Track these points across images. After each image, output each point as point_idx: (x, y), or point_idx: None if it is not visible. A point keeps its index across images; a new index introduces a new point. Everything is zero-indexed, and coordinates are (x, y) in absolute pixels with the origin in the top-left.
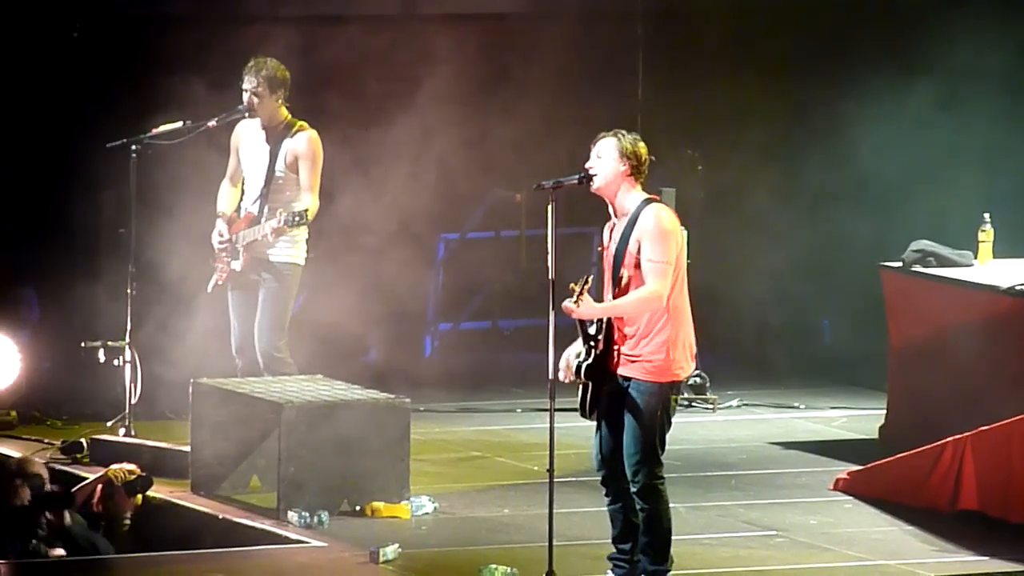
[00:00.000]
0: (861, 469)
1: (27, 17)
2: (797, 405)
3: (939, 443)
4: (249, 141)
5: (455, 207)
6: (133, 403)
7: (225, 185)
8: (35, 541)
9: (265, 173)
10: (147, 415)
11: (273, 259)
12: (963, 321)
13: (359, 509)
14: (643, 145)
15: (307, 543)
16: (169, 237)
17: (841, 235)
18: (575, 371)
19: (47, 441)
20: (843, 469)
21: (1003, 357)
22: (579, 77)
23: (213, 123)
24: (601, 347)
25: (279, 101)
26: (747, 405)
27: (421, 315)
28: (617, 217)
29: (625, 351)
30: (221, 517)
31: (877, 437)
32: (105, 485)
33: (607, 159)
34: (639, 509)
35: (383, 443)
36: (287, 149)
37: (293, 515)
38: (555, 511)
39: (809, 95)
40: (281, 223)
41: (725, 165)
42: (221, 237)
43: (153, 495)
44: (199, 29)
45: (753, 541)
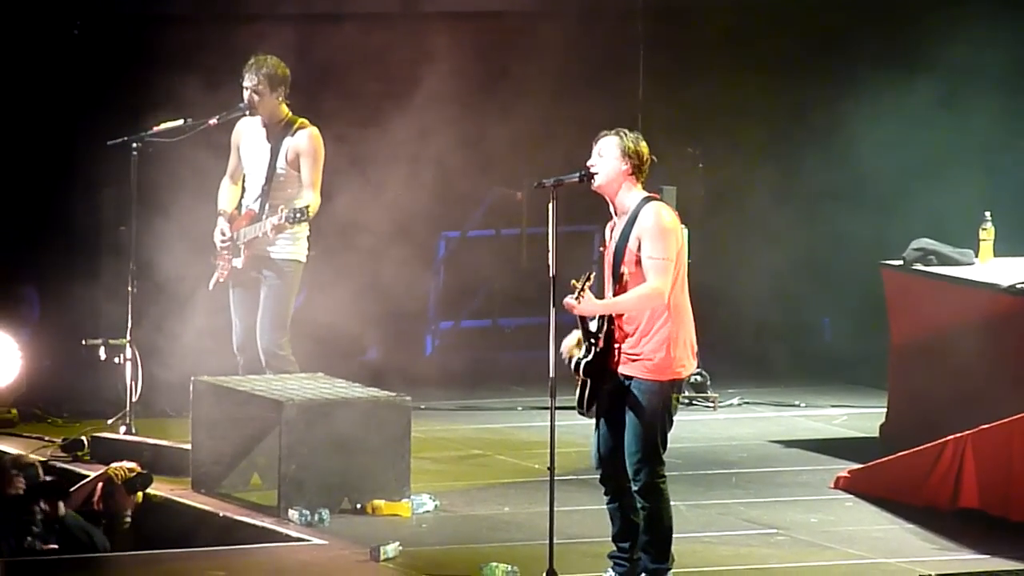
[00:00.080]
0: (862, 467)
1: (28, 16)
2: (798, 403)
3: (940, 441)
4: (250, 139)
5: (456, 205)
6: (134, 401)
7: (226, 183)
8: (30, 538)
9: (266, 170)
10: (148, 413)
11: (274, 256)
12: (964, 320)
13: (360, 507)
14: (645, 144)
15: (308, 541)
16: (170, 235)
17: (841, 233)
18: (574, 368)
19: (48, 439)
20: (844, 467)
21: (1004, 356)
22: (579, 75)
23: (214, 121)
24: (601, 345)
25: (279, 99)
26: (748, 403)
27: (422, 313)
28: (617, 216)
29: (626, 349)
30: (222, 515)
31: (878, 435)
32: (105, 483)
33: (608, 157)
34: (640, 508)
35: (384, 441)
36: (288, 146)
37: (294, 513)
38: (556, 509)
39: (809, 94)
40: (282, 220)
41: (725, 164)
42: (223, 235)
43: (154, 493)
44: (199, 28)
45: (754, 539)
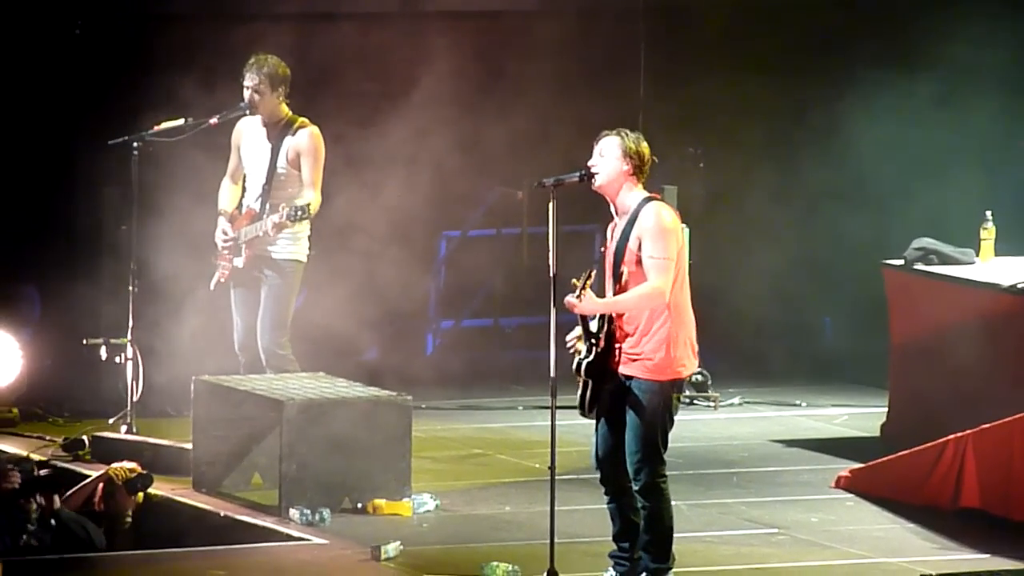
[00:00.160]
0: (862, 467)
1: (29, 15)
2: (798, 403)
3: (940, 441)
4: (250, 138)
5: (456, 205)
6: (134, 400)
7: (226, 183)
8: (25, 536)
9: (267, 170)
10: (148, 412)
11: (275, 256)
12: (965, 319)
13: (361, 506)
14: (646, 144)
15: (308, 540)
16: (171, 234)
17: (841, 233)
18: (576, 369)
19: (49, 438)
20: (844, 467)
21: (1004, 355)
22: (579, 75)
23: (215, 120)
24: (602, 345)
25: (280, 98)
26: (749, 403)
27: (423, 313)
28: (618, 216)
29: (626, 348)
30: (222, 514)
31: (878, 435)
32: (106, 484)
33: (609, 157)
34: (641, 507)
35: (385, 440)
36: (289, 146)
37: (295, 512)
38: (556, 509)
39: (809, 93)
40: (283, 218)
41: (725, 163)
42: (225, 235)
43: (155, 492)
44: (201, 27)
45: (755, 539)
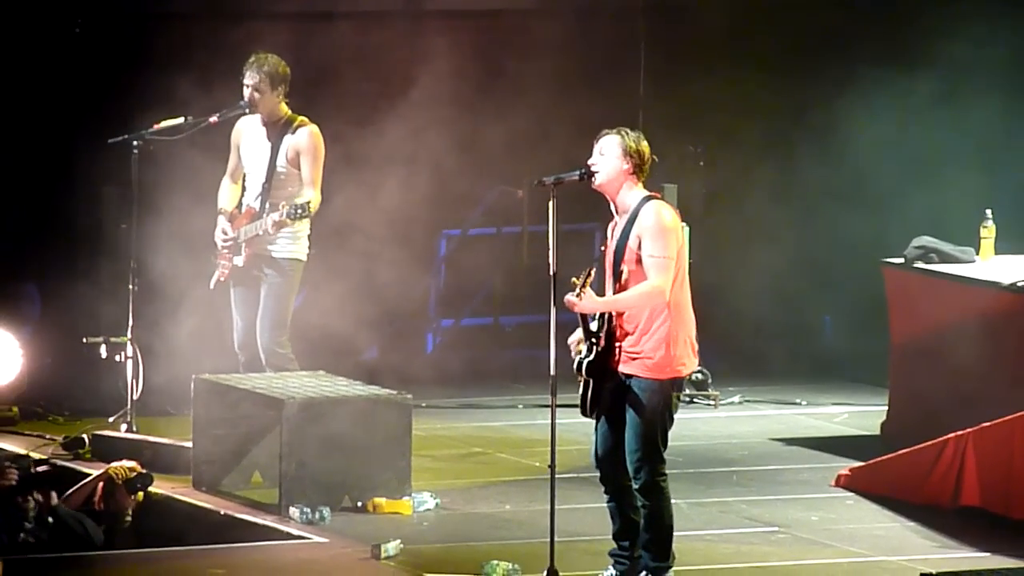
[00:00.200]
0: (863, 465)
1: (29, 13)
2: (798, 401)
3: (941, 439)
4: (250, 137)
5: (456, 204)
6: (135, 399)
7: (226, 182)
8: (23, 534)
9: (266, 169)
10: (149, 411)
11: (275, 255)
12: (965, 318)
13: (361, 505)
14: (646, 143)
15: (309, 539)
16: (171, 233)
17: (841, 231)
18: (576, 368)
19: (49, 437)
20: (845, 465)
21: (1004, 354)
22: (579, 73)
23: (215, 119)
24: (603, 344)
25: (280, 97)
26: (749, 401)
27: (423, 312)
28: (618, 214)
29: (626, 347)
30: (223, 513)
31: (879, 433)
32: (106, 483)
33: (610, 156)
34: (641, 506)
35: (385, 439)
36: (288, 144)
37: (295, 511)
38: (557, 507)
39: (809, 92)
40: (283, 216)
41: (725, 162)
42: (225, 235)
43: (155, 491)
44: (201, 26)
45: (755, 537)
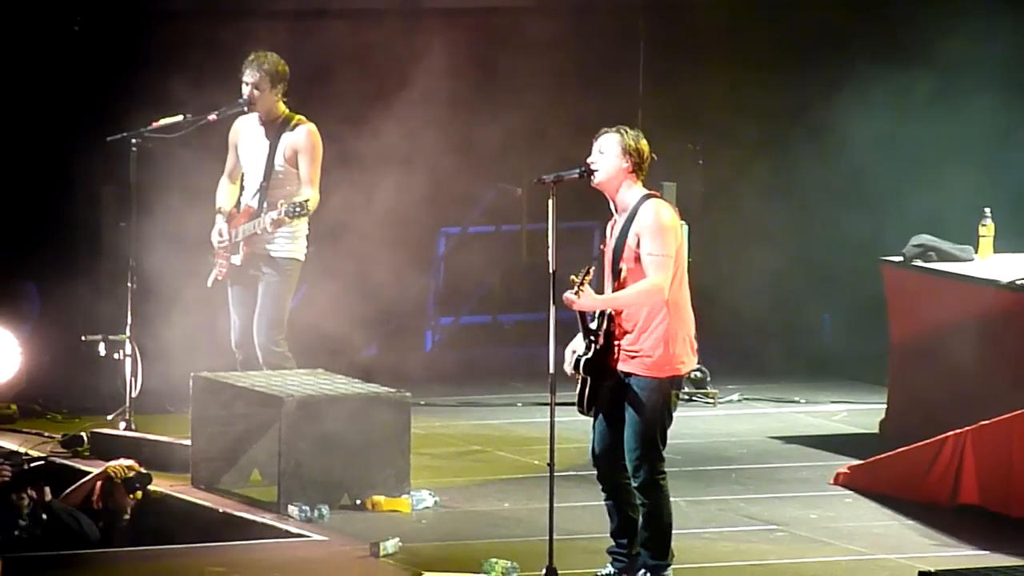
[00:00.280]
0: (861, 463)
1: (28, 11)
2: (797, 399)
3: (939, 437)
4: (248, 136)
5: (456, 202)
6: (133, 397)
7: (224, 182)
8: (16, 532)
9: (264, 168)
10: (147, 409)
11: (274, 254)
12: (964, 316)
13: (359, 503)
14: (645, 142)
15: (307, 537)
16: (170, 231)
17: (839, 229)
18: (574, 366)
19: (47, 434)
20: (843, 463)
21: (1003, 352)
22: (578, 72)
23: (213, 117)
24: (601, 342)
25: (278, 96)
26: (747, 399)
27: (422, 309)
28: (617, 213)
29: (625, 346)
30: (221, 511)
31: (877, 431)
32: (105, 482)
33: (609, 155)
34: (640, 504)
35: (383, 437)
36: (286, 143)
37: (293, 509)
38: (555, 505)
39: (806, 90)
40: (281, 214)
41: (724, 160)
42: (221, 237)
43: (153, 489)
44: (200, 24)
45: (754, 535)
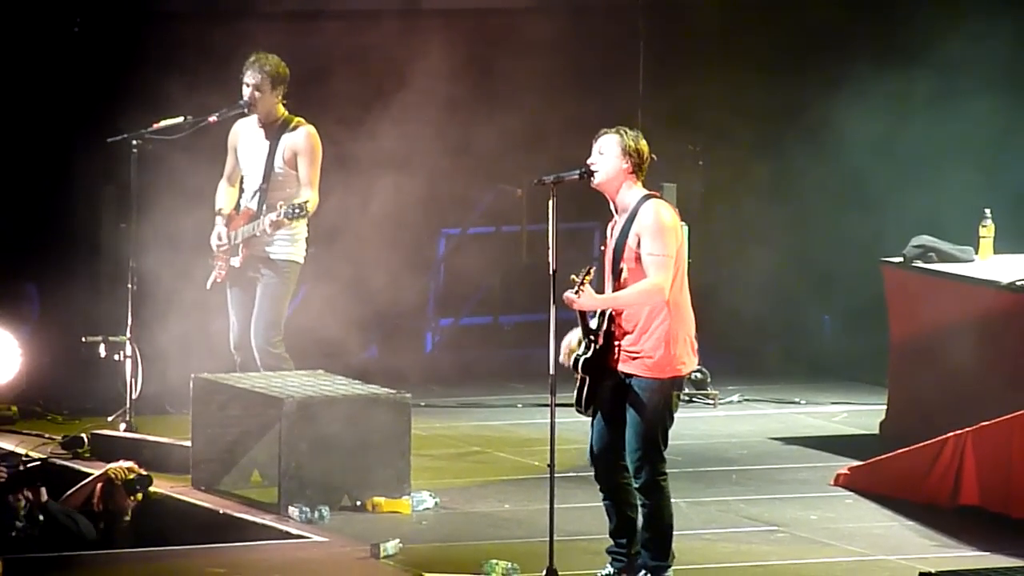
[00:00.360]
0: (862, 465)
1: (28, 12)
2: (798, 400)
3: (940, 439)
4: (247, 139)
5: (456, 202)
6: (134, 398)
7: (223, 185)
8: (14, 533)
9: (264, 170)
10: (148, 410)
11: (272, 256)
12: (964, 317)
13: (360, 504)
14: (644, 142)
15: (308, 538)
16: (170, 232)
17: (839, 230)
18: (573, 365)
19: (48, 436)
20: (844, 465)
21: (1003, 353)
22: (578, 72)
23: (214, 118)
24: (601, 342)
25: (279, 98)
26: (748, 400)
27: (422, 311)
28: (618, 213)
29: (626, 346)
30: (222, 512)
31: (878, 432)
32: (105, 484)
33: (609, 156)
34: (641, 505)
35: (384, 438)
36: (285, 145)
37: (294, 510)
38: (556, 506)
39: (806, 90)
40: (280, 216)
41: (724, 161)
42: (220, 240)
43: (154, 490)
44: (200, 25)
45: (754, 536)
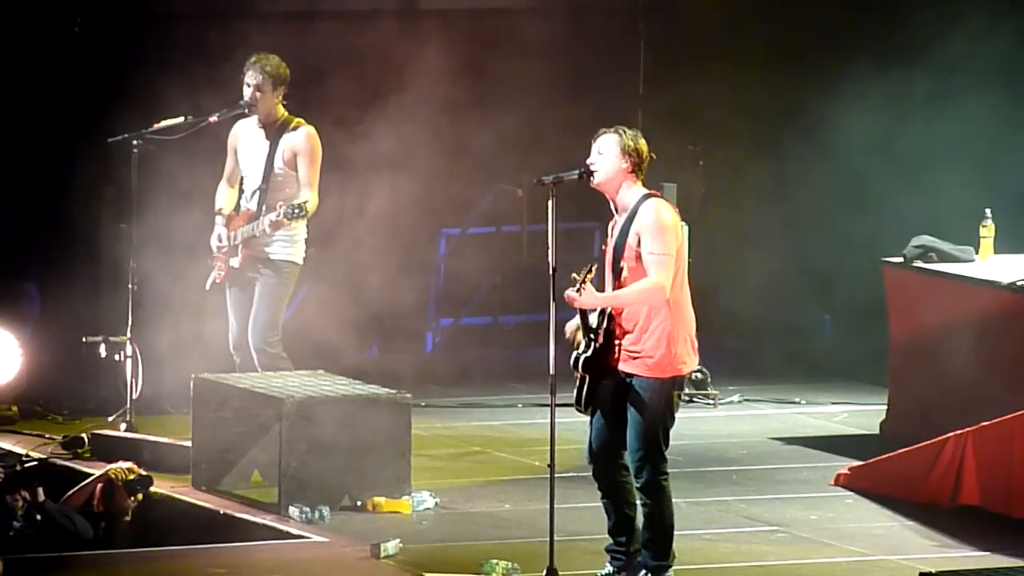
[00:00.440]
0: (862, 464)
1: (28, 13)
2: (798, 400)
3: (940, 438)
4: (247, 140)
5: (456, 203)
6: (134, 398)
7: (223, 186)
8: (11, 533)
9: (264, 170)
10: (148, 410)
11: (272, 257)
12: (964, 317)
13: (360, 504)
14: (644, 142)
15: (308, 538)
16: (170, 232)
17: (839, 230)
18: (573, 364)
19: (48, 436)
20: (844, 464)
21: (1004, 353)
22: (577, 72)
23: (214, 118)
24: (601, 341)
25: (279, 98)
26: (748, 400)
27: (422, 311)
28: (618, 213)
29: (626, 346)
30: (222, 512)
31: (878, 432)
32: (105, 484)
33: (608, 155)
34: (642, 504)
35: (384, 438)
36: (285, 146)
37: (294, 510)
38: (556, 506)
39: (805, 90)
40: (280, 216)
41: (724, 161)
42: (219, 242)
43: (154, 490)
44: (201, 25)
45: (754, 536)
